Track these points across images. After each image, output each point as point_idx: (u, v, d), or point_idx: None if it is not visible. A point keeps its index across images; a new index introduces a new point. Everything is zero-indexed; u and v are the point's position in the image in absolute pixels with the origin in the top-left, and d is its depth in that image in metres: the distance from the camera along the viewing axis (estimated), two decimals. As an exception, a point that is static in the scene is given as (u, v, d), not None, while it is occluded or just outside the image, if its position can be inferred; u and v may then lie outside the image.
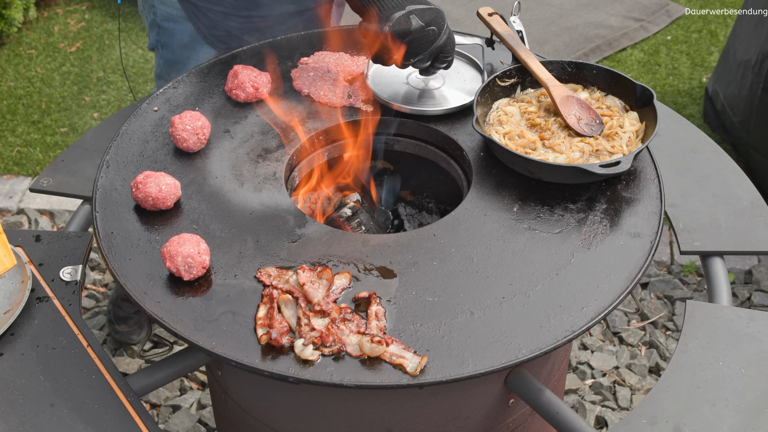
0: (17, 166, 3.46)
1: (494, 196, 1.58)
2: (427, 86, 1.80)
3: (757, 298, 2.82)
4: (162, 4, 2.10)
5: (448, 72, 1.82)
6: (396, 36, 1.60)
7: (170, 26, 2.13)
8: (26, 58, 4.06)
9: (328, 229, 1.53)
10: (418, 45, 1.63)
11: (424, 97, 1.79)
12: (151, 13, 2.14)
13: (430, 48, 1.64)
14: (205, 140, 1.69)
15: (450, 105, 1.75)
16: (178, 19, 2.09)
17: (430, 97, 1.79)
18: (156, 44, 2.20)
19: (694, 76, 3.90)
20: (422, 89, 1.80)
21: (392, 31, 1.59)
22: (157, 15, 2.13)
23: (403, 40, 1.61)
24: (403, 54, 1.64)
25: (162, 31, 2.16)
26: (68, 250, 1.61)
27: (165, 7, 2.09)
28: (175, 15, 2.09)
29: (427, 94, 1.79)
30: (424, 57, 1.66)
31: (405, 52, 1.63)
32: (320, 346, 1.32)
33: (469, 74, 1.85)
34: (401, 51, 1.63)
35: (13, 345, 1.45)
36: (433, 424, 1.50)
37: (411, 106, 1.75)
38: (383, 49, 1.64)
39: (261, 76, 1.80)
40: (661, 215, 1.54)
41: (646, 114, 1.67)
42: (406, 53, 1.63)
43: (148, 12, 2.15)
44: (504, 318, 1.36)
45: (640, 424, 1.34)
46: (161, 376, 1.46)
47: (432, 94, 1.79)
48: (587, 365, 2.64)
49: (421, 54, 1.65)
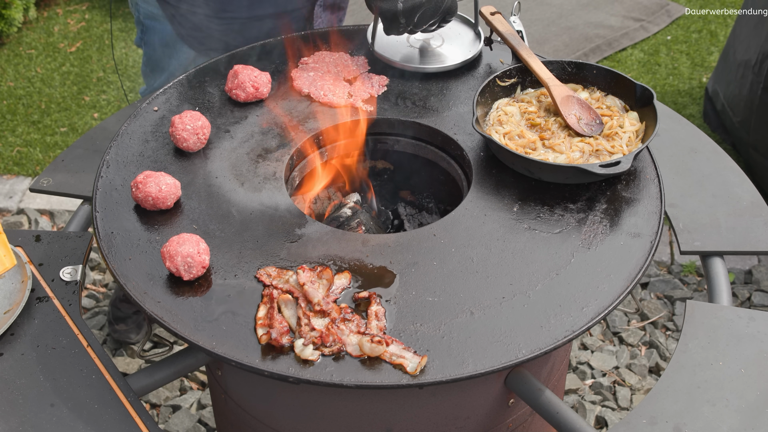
0: (17, 166, 3.46)
1: (494, 196, 1.58)
2: (430, 46, 1.91)
3: (757, 298, 2.82)
4: (144, 2, 2.11)
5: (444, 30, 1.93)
6: (408, 11, 1.66)
7: (152, 24, 2.14)
8: (26, 58, 4.06)
9: (328, 229, 1.53)
10: (430, 14, 1.70)
11: (426, 56, 1.89)
12: (135, 11, 2.16)
13: (438, 14, 1.71)
14: (205, 140, 1.69)
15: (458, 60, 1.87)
16: (159, 18, 2.11)
17: (433, 55, 1.89)
18: (140, 41, 2.21)
19: (694, 76, 3.90)
20: (423, 48, 1.91)
21: (404, 7, 1.66)
22: (140, 12, 2.14)
23: (416, 14, 1.67)
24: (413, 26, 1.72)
25: (145, 29, 2.17)
26: (68, 250, 1.61)
27: (147, 5, 2.10)
28: (156, 14, 2.11)
29: (429, 53, 1.90)
30: (433, 22, 1.74)
31: (418, 22, 1.71)
32: (320, 346, 1.32)
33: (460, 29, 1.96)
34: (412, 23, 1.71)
35: (13, 345, 1.45)
36: (433, 424, 1.50)
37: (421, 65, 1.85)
38: (396, 24, 1.70)
39: (261, 76, 1.80)
40: (661, 215, 1.54)
41: (646, 114, 1.67)
42: (420, 22, 1.71)
43: (134, 9, 2.17)
44: (504, 318, 1.36)
45: (640, 424, 1.34)
46: (161, 376, 1.46)
47: (435, 52, 1.90)
48: (587, 365, 2.64)
49: (431, 20, 1.72)
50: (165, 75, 2.23)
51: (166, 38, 2.14)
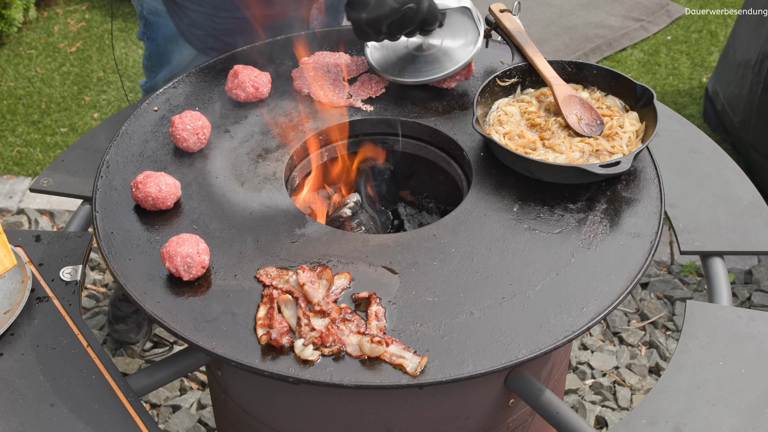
0: (17, 166, 3.46)
1: (494, 196, 1.58)
2: (426, 49, 1.84)
3: (757, 298, 2.82)
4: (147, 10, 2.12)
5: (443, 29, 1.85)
6: (373, 22, 1.66)
7: (155, 20, 2.15)
8: (26, 58, 4.06)
9: (328, 229, 1.53)
10: (400, 24, 1.68)
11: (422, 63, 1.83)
12: (138, 5, 2.17)
13: (412, 24, 1.69)
14: (205, 140, 1.69)
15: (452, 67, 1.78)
16: (162, 13, 2.12)
17: (430, 61, 1.82)
18: (142, 36, 2.23)
19: (694, 76, 3.90)
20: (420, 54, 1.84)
21: (368, 18, 1.65)
22: (144, 7, 2.15)
23: (383, 24, 1.66)
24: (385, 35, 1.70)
25: (148, 24, 2.18)
26: (68, 250, 1.61)
27: (151, 0, 2.11)
28: (159, 9, 2.12)
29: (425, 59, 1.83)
30: (410, 31, 1.71)
31: (389, 32, 1.69)
32: (320, 346, 1.32)
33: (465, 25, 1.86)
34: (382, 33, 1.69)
35: (13, 345, 1.45)
36: (433, 424, 1.50)
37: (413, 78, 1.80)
38: (364, 33, 1.70)
39: (261, 76, 1.80)
40: (661, 215, 1.54)
41: (646, 114, 1.67)
42: (391, 32, 1.69)
43: (137, 4, 2.18)
44: (504, 318, 1.36)
45: (640, 424, 1.34)
46: (161, 376, 1.46)
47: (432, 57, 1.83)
48: (587, 365, 2.64)
49: (406, 30, 1.70)
50: (166, 70, 2.24)
51: (169, 34, 2.15)
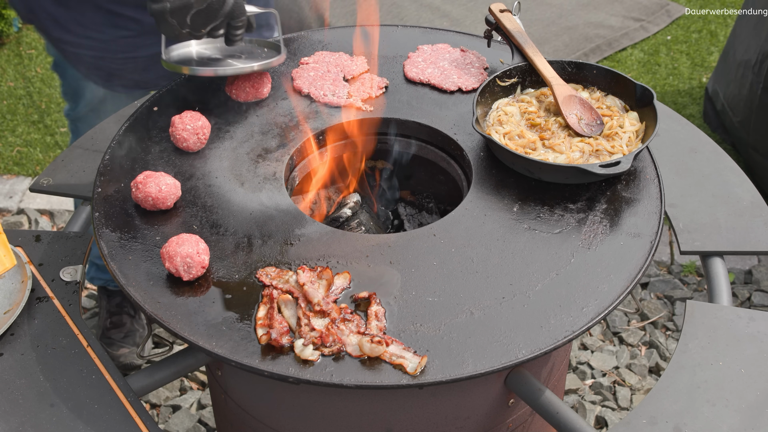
0: (17, 166, 3.46)
1: (494, 196, 1.58)
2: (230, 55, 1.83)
3: (757, 298, 2.82)
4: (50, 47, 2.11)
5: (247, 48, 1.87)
6: (177, 11, 1.58)
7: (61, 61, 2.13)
8: (26, 58, 4.06)
9: (328, 229, 1.53)
10: (206, 16, 1.61)
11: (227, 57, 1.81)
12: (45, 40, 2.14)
13: (218, 17, 1.63)
14: (205, 140, 1.69)
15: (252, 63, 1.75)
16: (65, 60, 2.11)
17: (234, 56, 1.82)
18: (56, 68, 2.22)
19: (694, 76, 3.90)
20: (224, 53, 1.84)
21: (172, 7, 1.57)
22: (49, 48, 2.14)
23: (187, 15, 1.59)
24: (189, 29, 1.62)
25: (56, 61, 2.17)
26: (68, 250, 1.61)
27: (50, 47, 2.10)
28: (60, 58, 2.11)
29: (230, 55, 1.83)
30: (215, 26, 1.65)
31: (193, 25, 1.61)
32: (320, 346, 1.32)
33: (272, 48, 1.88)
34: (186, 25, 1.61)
35: (13, 345, 1.45)
36: (433, 424, 1.50)
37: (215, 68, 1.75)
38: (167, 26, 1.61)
39: (261, 76, 1.80)
40: (661, 215, 1.54)
41: (646, 114, 1.67)
42: (195, 25, 1.62)
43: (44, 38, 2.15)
44: (504, 318, 1.36)
45: (640, 424, 1.34)
46: (161, 376, 1.46)
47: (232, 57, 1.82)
48: (587, 365, 2.64)
49: (211, 24, 1.63)
50: (83, 102, 2.21)
51: (77, 74, 2.13)
